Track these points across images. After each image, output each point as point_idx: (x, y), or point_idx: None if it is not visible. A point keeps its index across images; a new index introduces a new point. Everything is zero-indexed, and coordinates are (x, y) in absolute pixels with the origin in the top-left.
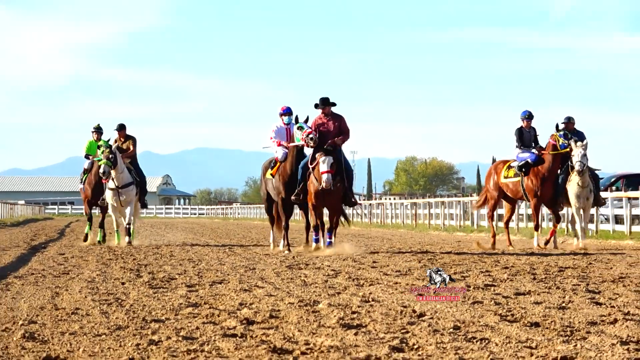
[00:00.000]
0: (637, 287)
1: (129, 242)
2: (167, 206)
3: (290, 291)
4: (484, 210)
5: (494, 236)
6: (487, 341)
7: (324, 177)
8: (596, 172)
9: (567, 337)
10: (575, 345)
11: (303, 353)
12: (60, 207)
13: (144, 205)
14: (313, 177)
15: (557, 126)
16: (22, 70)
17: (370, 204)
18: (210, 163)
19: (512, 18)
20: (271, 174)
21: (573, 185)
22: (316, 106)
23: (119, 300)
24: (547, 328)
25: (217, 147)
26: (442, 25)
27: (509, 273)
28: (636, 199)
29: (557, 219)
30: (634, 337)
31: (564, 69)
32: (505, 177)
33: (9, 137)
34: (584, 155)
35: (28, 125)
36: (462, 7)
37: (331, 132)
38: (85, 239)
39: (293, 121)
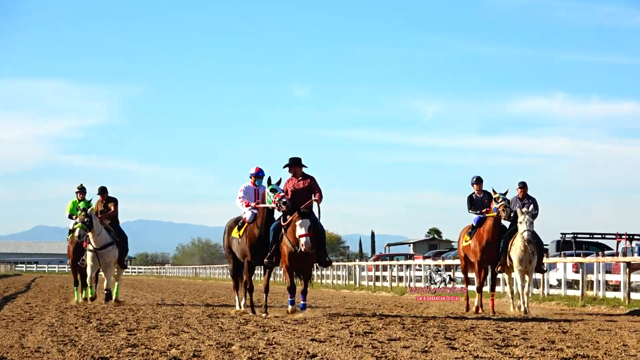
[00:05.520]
0: (485, 336)
1: (116, 300)
2: None
3: (210, 335)
4: (366, 272)
5: (467, 299)
6: None
7: (302, 240)
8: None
9: None
10: None
11: None
12: (27, 265)
13: (123, 266)
14: (286, 240)
15: (493, 191)
16: None
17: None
18: (147, 232)
19: (391, 122)
20: (238, 234)
21: (516, 248)
22: (285, 167)
23: (73, 341)
24: None
25: (153, 219)
26: (339, 126)
27: (384, 323)
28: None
29: (493, 287)
30: None
31: (431, 161)
32: (465, 241)
33: None
34: (532, 223)
35: (3, 200)
36: (351, 112)
37: (302, 193)
38: (78, 302)
39: (265, 183)
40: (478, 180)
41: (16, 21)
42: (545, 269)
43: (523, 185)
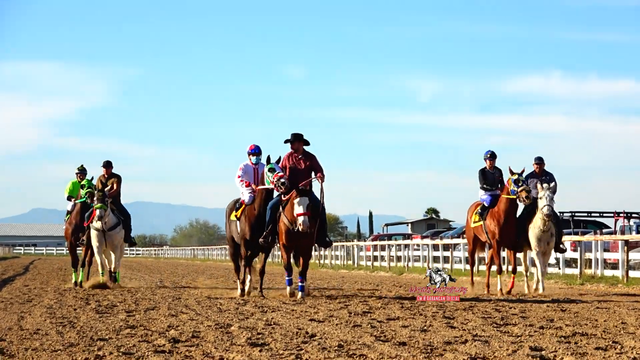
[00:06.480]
0: (483, 314)
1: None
2: None
3: (209, 316)
4: (364, 252)
5: (471, 277)
6: (364, 357)
7: (300, 219)
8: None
9: (427, 354)
10: None
11: None
12: (25, 248)
13: (133, 244)
14: (284, 217)
15: (510, 170)
16: None
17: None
18: (145, 214)
19: (387, 102)
20: (236, 216)
21: (534, 227)
22: (287, 141)
23: (72, 323)
24: (412, 346)
25: (151, 201)
26: (335, 106)
27: (382, 302)
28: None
29: (514, 269)
30: (480, 354)
31: (428, 140)
32: (474, 222)
33: None
34: (552, 198)
35: (0, 183)
36: (347, 92)
37: (302, 172)
38: (76, 285)
39: (264, 161)
40: (492, 156)
41: (13, 3)
42: (564, 248)
43: (540, 161)
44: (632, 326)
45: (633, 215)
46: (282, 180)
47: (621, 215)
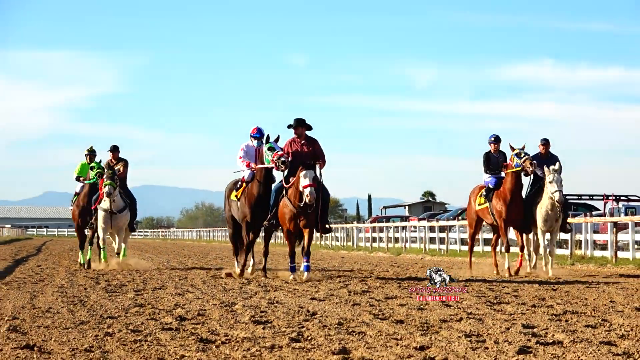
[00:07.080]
0: (477, 294)
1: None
2: None
3: (214, 295)
4: (363, 234)
5: (470, 262)
6: (363, 334)
7: (307, 190)
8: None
9: (424, 331)
10: (431, 338)
11: (223, 342)
12: (38, 230)
13: (133, 230)
14: (287, 200)
15: (510, 147)
16: (10, 124)
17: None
18: (153, 197)
19: (387, 89)
20: (236, 196)
21: (542, 207)
22: (289, 127)
23: (82, 302)
24: (409, 324)
25: (158, 184)
26: (336, 93)
27: (381, 282)
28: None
29: (522, 247)
30: (475, 332)
31: (425, 126)
32: (479, 205)
33: None
34: (561, 182)
35: (14, 167)
36: (348, 79)
37: (305, 157)
38: (82, 266)
39: (264, 140)
40: (497, 140)
41: None
42: (570, 227)
43: (546, 142)
44: (621, 305)
45: (621, 198)
46: (282, 159)
47: (610, 198)
